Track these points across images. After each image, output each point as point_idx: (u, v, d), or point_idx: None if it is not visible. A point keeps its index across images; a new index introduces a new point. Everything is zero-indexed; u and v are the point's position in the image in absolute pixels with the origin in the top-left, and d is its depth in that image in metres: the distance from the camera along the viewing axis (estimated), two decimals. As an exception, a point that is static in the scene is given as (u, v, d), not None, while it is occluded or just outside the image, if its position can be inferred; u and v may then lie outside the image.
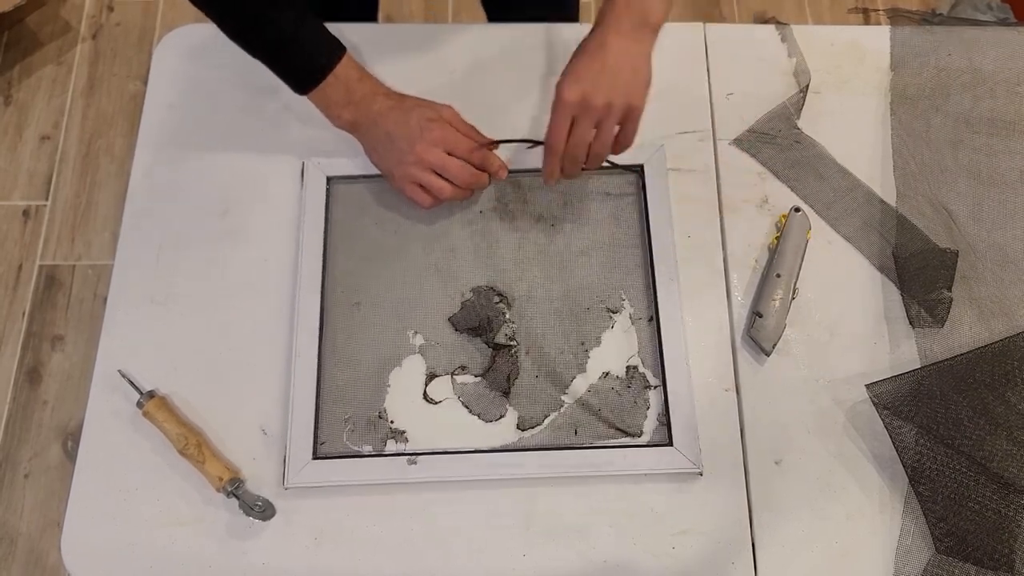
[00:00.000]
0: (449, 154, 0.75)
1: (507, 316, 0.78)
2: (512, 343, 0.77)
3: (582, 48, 0.71)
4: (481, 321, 0.78)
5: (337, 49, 0.75)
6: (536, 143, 0.81)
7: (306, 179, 0.83)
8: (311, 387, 0.74)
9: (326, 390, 0.75)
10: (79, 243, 1.63)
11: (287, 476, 0.71)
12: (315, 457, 0.72)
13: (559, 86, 0.69)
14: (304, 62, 0.74)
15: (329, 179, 0.83)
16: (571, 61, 0.71)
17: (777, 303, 0.77)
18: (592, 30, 0.71)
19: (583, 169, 0.75)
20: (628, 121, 0.71)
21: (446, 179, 0.76)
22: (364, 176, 0.83)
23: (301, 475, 0.71)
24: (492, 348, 0.77)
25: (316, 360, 0.75)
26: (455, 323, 0.78)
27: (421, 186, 0.76)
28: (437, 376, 0.76)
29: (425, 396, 0.75)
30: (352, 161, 0.83)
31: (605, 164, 0.83)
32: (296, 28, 0.72)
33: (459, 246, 0.81)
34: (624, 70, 0.68)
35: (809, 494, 0.73)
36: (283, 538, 0.71)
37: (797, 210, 0.81)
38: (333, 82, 0.74)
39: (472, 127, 0.79)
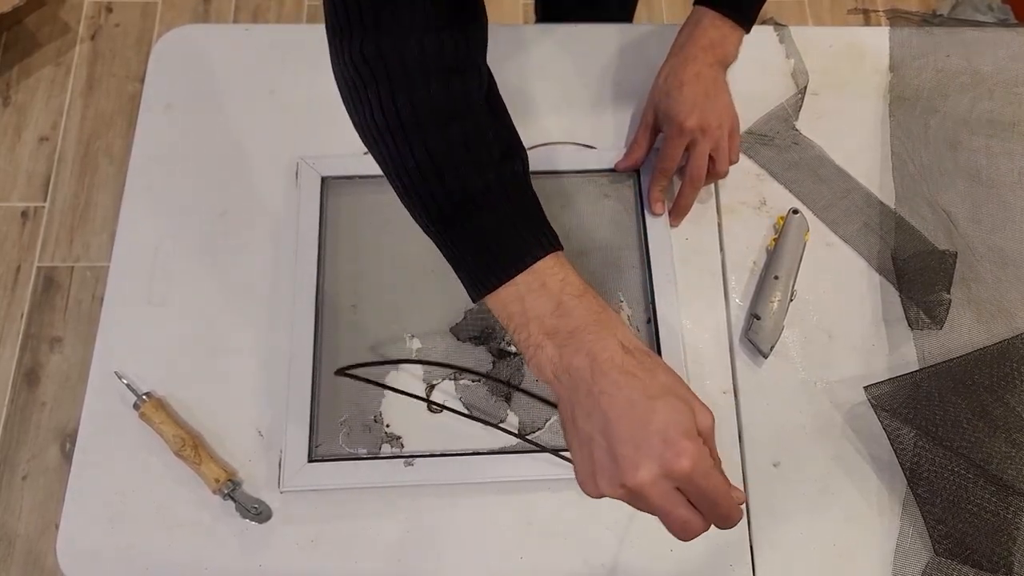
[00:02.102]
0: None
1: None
2: (513, 348, 0.77)
3: (676, 77, 0.75)
4: (484, 330, 0.78)
5: (549, 242, 0.51)
6: (587, 147, 0.84)
7: (300, 179, 0.82)
8: (307, 390, 0.74)
9: (322, 393, 0.75)
10: (77, 244, 1.63)
11: (283, 479, 0.71)
12: (311, 460, 0.72)
13: (674, 116, 0.74)
14: (498, 246, 0.51)
15: (324, 179, 0.83)
16: (668, 91, 0.76)
17: (775, 305, 0.77)
18: (675, 62, 0.77)
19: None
20: (732, 138, 0.78)
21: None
22: (360, 176, 0.83)
23: (297, 478, 0.71)
24: (494, 355, 0.77)
25: (312, 363, 0.75)
26: (457, 333, 0.78)
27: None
28: (436, 384, 0.76)
29: (430, 408, 0.75)
30: (347, 161, 0.83)
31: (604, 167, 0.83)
32: (500, 198, 0.51)
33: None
34: (723, 94, 0.77)
35: (807, 496, 0.73)
36: (279, 540, 0.71)
37: (795, 212, 0.81)
38: (537, 290, 0.49)
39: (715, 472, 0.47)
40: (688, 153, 0.77)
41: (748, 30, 0.77)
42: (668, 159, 0.77)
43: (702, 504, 0.45)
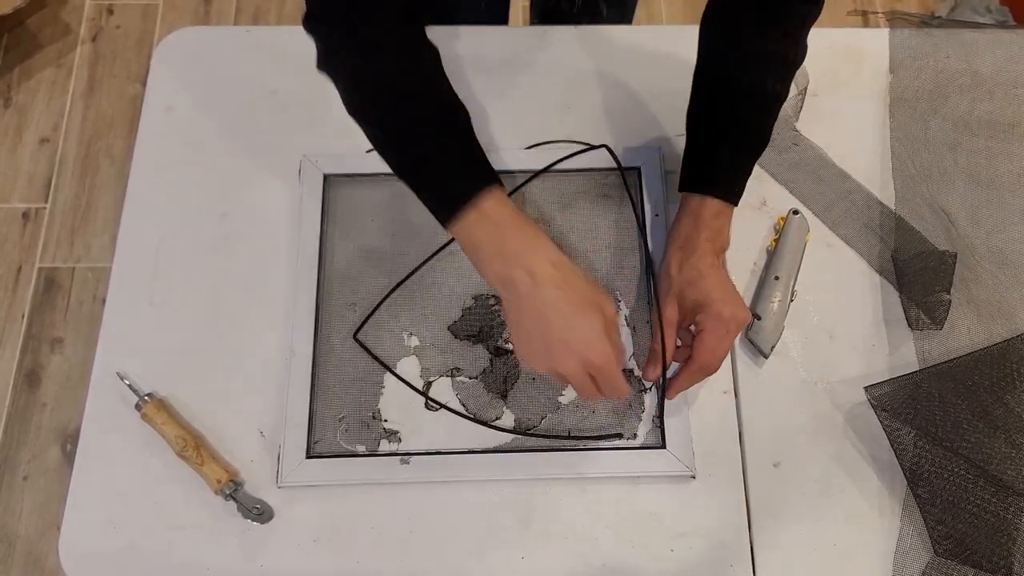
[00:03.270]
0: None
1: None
2: (510, 346, 0.77)
3: (693, 269, 0.72)
4: (482, 328, 0.78)
5: (486, 180, 0.64)
6: (591, 147, 0.84)
7: (303, 176, 0.83)
8: (306, 386, 0.74)
9: (321, 389, 0.75)
10: (78, 245, 1.63)
11: (281, 475, 0.71)
12: (309, 456, 0.72)
13: (711, 304, 0.70)
14: (445, 185, 0.64)
15: (326, 177, 0.83)
16: (692, 282, 0.72)
17: (775, 305, 0.77)
18: (683, 255, 0.73)
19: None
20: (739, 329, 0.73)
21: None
22: (362, 175, 0.83)
23: (295, 474, 0.71)
24: (491, 353, 0.77)
25: (311, 359, 0.75)
26: (455, 331, 0.78)
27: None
28: (433, 381, 0.76)
29: (427, 405, 0.75)
30: (350, 160, 0.83)
31: (604, 167, 0.83)
32: (443, 146, 0.64)
33: (457, 248, 0.81)
34: (732, 286, 0.74)
35: (808, 497, 0.73)
36: (281, 540, 0.71)
37: (795, 212, 0.81)
38: (479, 219, 0.62)
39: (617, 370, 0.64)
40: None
41: (737, 204, 0.75)
42: (715, 354, 0.70)
43: (606, 389, 0.64)
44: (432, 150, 0.64)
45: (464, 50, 0.90)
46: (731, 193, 0.74)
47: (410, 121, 0.64)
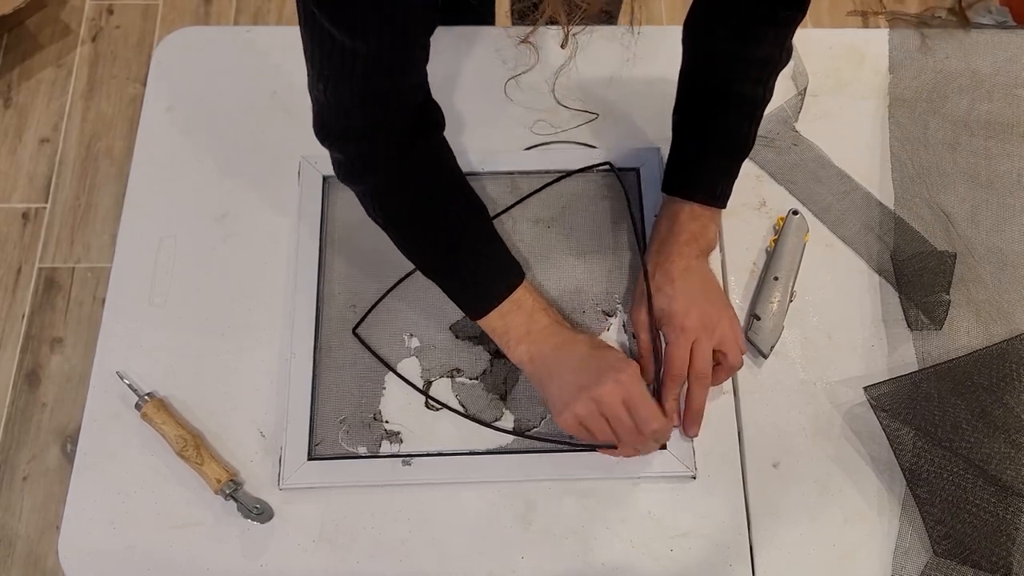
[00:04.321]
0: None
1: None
2: None
3: (665, 274, 0.72)
4: (482, 330, 0.78)
5: (516, 275, 0.70)
6: (587, 147, 0.85)
7: (302, 178, 0.83)
8: (307, 388, 0.74)
9: (322, 391, 0.75)
10: (78, 246, 1.63)
11: (282, 476, 0.71)
12: (310, 458, 0.72)
13: (673, 315, 0.71)
14: (479, 286, 0.69)
15: (326, 178, 0.83)
16: (660, 288, 0.72)
17: (775, 306, 0.78)
18: (659, 259, 0.73)
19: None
20: (734, 327, 0.73)
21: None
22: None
23: (296, 476, 0.71)
24: (491, 355, 0.77)
25: (312, 361, 0.75)
26: (456, 331, 0.78)
27: (585, 426, 0.68)
28: (433, 381, 0.76)
29: (427, 404, 0.75)
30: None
31: (603, 168, 0.84)
32: (474, 251, 0.69)
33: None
34: (713, 287, 0.74)
35: (807, 497, 0.73)
36: (281, 540, 0.71)
37: (795, 213, 0.81)
38: (513, 309, 0.69)
39: (648, 396, 0.68)
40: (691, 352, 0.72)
41: (725, 206, 0.75)
42: (678, 364, 0.70)
43: (635, 410, 0.66)
44: (464, 255, 0.69)
45: (464, 50, 0.90)
46: (711, 196, 0.74)
47: (438, 229, 0.68)
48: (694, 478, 0.73)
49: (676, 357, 0.70)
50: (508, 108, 0.88)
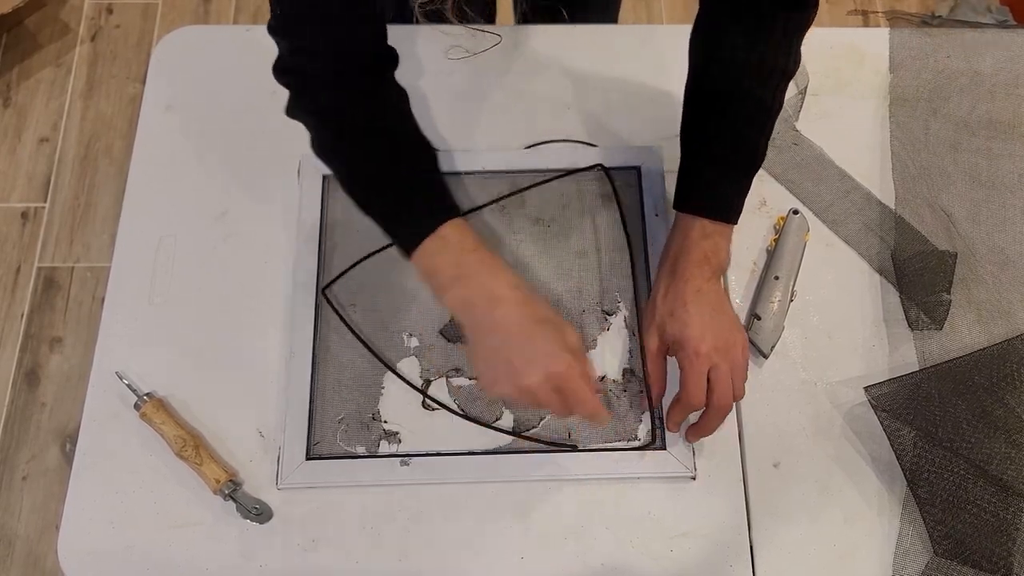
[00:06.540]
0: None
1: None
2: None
3: (678, 297, 0.69)
4: None
5: (447, 212, 0.65)
6: (588, 145, 0.84)
7: (302, 177, 0.82)
8: (305, 387, 0.74)
9: (320, 391, 0.75)
10: (78, 245, 1.63)
11: (280, 476, 0.71)
12: (308, 458, 0.72)
13: (687, 340, 0.67)
14: (409, 220, 0.66)
15: (325, 178, 0.83)
16: (672, 312, 0.69)
17: (775, 305, 0.77)
18: (670, 281, 0.71)
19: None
20: (744, 353, 0.70)
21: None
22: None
23: (294, 475, 0.71)
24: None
25: (311, 360, 0.75)
26: (447, 335, 0.78)
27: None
28: (432, 381, 0.76)
29: (424, 403, 0.75)
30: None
31: (595, 168, 0.83)
32: (408, 184, 0.66)
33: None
34: (726, 309, 0.71)
35: (807, 497, 0.73)
36: (280, 541, 0.71)
37: (795, 212, 0.81)
38: (440, 247, 0.63)
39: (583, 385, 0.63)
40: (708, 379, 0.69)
41: (736, 222, 0.72)
42: (695, 393, 0.67)
43: (573, 403, 0.62)
44: (397, 188, 0.66)
45: (464, 48, 0.90)
46: (723, 213, 0.71)
47: (375, 160, 0.66)
48: (694, 478, 0.73)
49: (694, 385, 0.67)
50: (508, 107, 0.88)
